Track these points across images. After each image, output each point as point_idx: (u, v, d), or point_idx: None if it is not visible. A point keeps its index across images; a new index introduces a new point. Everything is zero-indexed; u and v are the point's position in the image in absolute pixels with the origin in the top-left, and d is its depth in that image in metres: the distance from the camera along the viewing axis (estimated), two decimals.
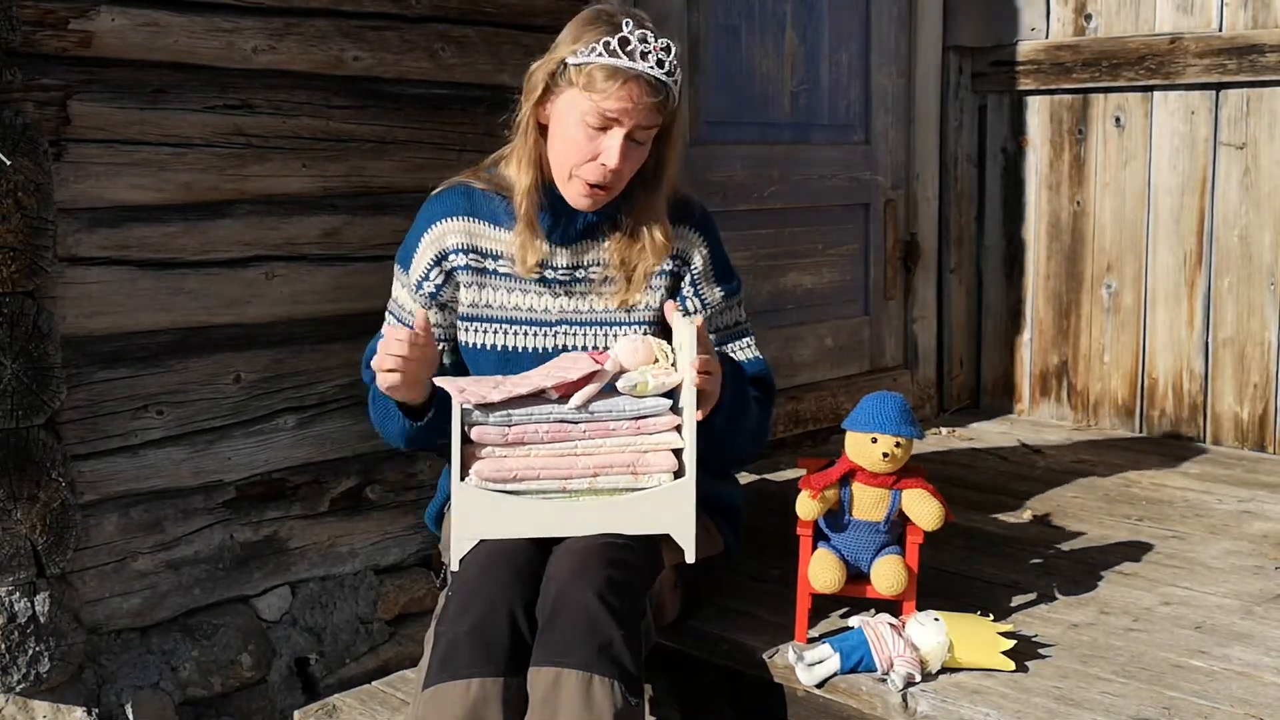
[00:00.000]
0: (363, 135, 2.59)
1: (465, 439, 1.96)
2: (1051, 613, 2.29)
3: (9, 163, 2.08)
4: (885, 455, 2.03)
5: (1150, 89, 3.54)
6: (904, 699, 1.97)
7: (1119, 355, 3.70)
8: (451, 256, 2.17)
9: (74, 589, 2.27)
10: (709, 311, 2.24)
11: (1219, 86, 3.41)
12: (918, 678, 1.99)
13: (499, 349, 2.18)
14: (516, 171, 2.13)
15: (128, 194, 2.31)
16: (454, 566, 1.98)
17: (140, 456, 2.37)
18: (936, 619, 2.03)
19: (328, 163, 2.55)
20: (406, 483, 2.76)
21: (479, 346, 2.19)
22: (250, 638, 2.53)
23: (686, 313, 2.17)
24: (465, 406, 1.93)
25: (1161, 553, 2.62)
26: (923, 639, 2.01)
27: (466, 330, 2.20)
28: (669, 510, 1.97)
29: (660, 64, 2.00)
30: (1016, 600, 2.34)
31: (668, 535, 1.99)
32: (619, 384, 2.00)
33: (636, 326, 2.19)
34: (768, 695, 2.15)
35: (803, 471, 2.13)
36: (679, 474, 1.98)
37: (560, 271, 2.18)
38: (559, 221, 2.15)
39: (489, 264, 2.18)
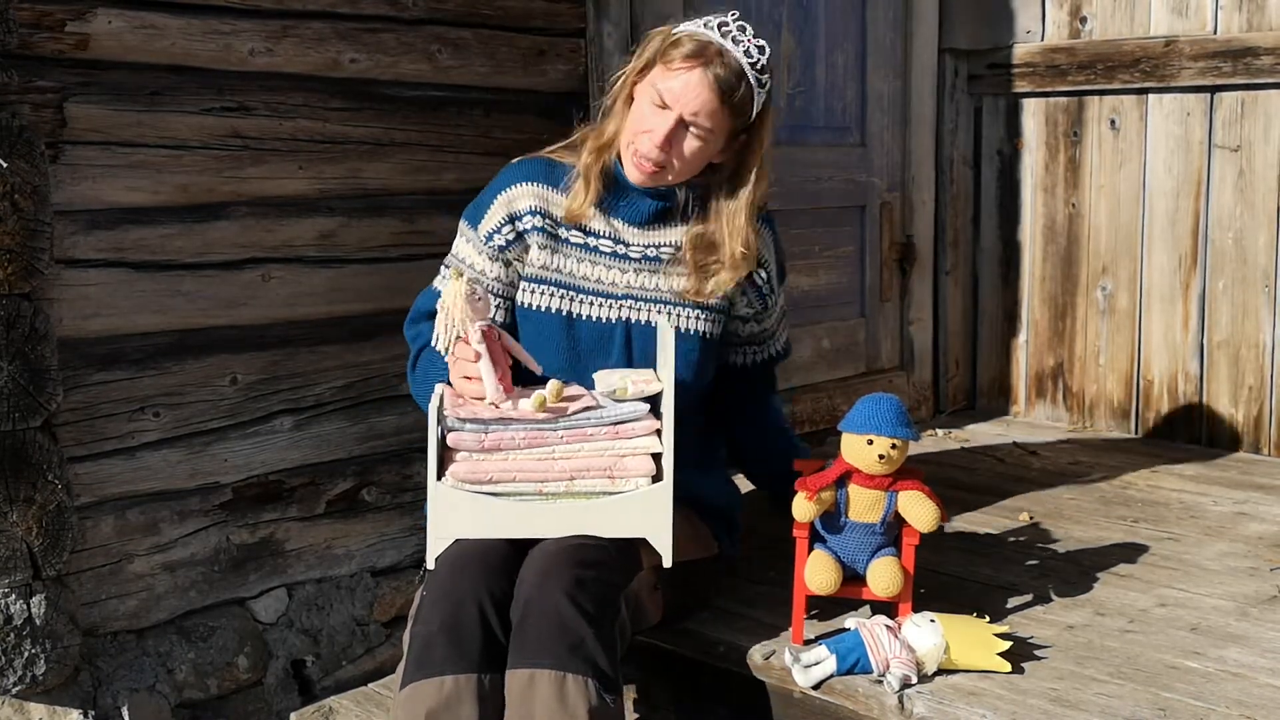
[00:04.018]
0: (359, 137, 2.60)
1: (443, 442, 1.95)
2: (1047, 614, 2.29)
3: (5, 165, 2.07)
4: (881, 457, 2.03)
5: (1145, 91, 3.54)
6: (900, 700, 1.97)
7: (1114, 357, 3.70)
8: (526, 218, 2.21)
9: (70, 591, 2.27)
10: (776, 312, 2.38)
11: (1214, 89, 3.42)
12: (914, 679, 1.99)
13: (562, 314, 2.20)
14: (594, 142, 2.19)
15: (124, 196, 2.31)
16: (430, 566, 1.98)
17: (137, 458, 2.37)
18: (932, 620, 2.03)
19: (324, 165, 2.56)
20: (403, 484, 2.76)
21: (541, 309, 2.21)
22: (246, 640, 2.53)
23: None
24: (442, 413, 1.93)
25: (1157, 554, 2.63)
26: (919, 640, 2.01)
27: (532, 292, 2.22)
28: (645, 514, 1.97)
29: (748, 54, 2.08)
30: (1012, 602, 2.34)
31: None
32: (598, 387, 2.00)
33: (703, 312, 2.25)
34: (764, 697, 2.15)
35: (799, 473, 2.13)
36: (657, 478, 1.98)
37: (632, 249, 2.22)
38: (627, 199, 2.20)
39: (562, 232, 2.21)
